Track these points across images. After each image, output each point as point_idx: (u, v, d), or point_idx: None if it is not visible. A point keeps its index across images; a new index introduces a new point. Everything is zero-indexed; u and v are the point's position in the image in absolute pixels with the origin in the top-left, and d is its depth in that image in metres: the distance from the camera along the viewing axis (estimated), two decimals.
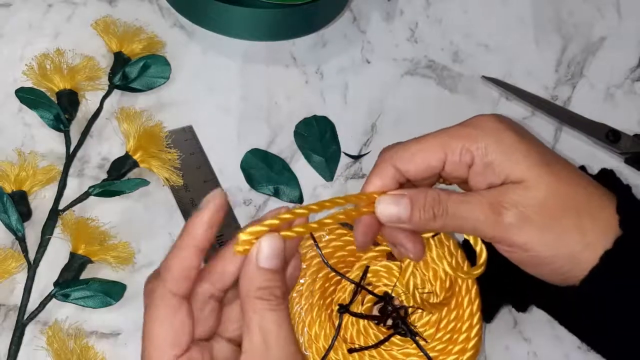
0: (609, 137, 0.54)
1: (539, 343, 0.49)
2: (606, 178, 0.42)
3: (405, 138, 0.55)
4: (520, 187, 0.37)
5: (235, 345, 0.35)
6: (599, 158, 0.56)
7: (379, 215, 0.38)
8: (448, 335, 0.46)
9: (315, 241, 0.48)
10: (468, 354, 0.46)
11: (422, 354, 0.46)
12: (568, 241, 0.38)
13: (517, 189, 0.37)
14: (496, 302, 0.48)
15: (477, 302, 0.47)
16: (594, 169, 0.49)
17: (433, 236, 0.47)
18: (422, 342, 0.46)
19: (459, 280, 0.47)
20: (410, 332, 0.46)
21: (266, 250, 0.33)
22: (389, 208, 0.38)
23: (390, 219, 0.38)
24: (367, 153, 0.55)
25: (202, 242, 0.33)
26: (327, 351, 0.46)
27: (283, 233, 0.33)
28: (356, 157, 0.55)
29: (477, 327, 0.47)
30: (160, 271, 0.34)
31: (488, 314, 0.48)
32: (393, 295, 0.47)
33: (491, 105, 0.58)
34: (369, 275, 0.48)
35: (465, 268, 0.47)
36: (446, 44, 0.60)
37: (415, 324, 0.47)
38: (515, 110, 0.58)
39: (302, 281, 0.48)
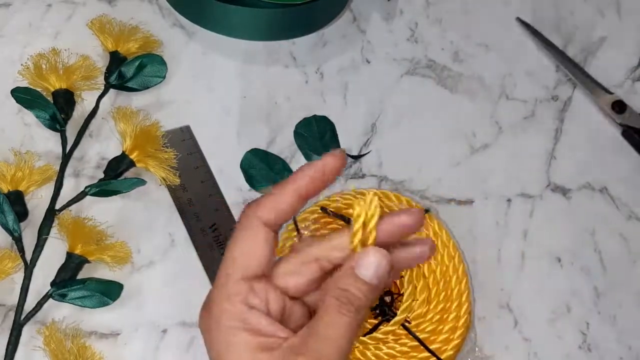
0: (615, 107, 0.55)
1: (539, 343, 0.49)
2: None
3: (405, 138, 0.56)
4: None
5: (304, 306, 0.36)
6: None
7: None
8: (438, 316, 0.47)
9: (300, 235, 0.48)
10: (458, 332, 0.47)
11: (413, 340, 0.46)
12: None
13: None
14: None
15: (464, 280, 0.48)
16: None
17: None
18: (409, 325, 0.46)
19: (446, 260, 0.48)
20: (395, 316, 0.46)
21: (371, 262, 0.33)
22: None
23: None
24: (367, 153, 0.55)
25: (304, 189, 0.34)
26: None
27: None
28: (356, 157, 0.55)
29: (466, 304, 0.47)
30: (259, 199, 0.35)
31: None
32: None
33: (491, 105, 0.58)
34: None
35: (451, 249, 0.48)
36: (446, 44, 0.60)
37: (403, 304, 0.47)
38: (516, 109, 0.57)
39: None
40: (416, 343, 0.46)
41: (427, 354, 0.46)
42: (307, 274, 0.35)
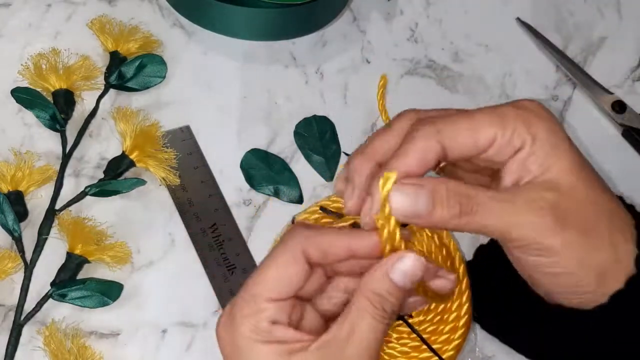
0: (615, 107, 0.55)
1: None
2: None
3: None
4: (557, 187, 0.34)
5: (323, 318, 0.35)
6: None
7: (393, 210, 0.32)
8: (439, 317, 0.47)
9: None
10: (459, 332, 0.46)
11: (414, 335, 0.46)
12: (601, 253, 0.35)
13: (554, 189, 0.34)
14: (492, 308, 0.47)
15: (465, 280, 0.47)
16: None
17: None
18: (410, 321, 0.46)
19: (447, 260, 0.48)
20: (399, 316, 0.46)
21: (406, 267, 0.32)
22: (405, 201, 0.32)
23: (405, 214, 0.32)
24: None
25: (359, 251, 0.33)
26: None
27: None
28: None
29: (467, 304, 0.47)
30: (311, 230, 0.34)
31: (481, 318, 0.47)
32: None
33: (491, 105, 0.57)
34: None
35: (451, 249, 0.48)
36: (446, 44, 0.60)
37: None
38: None
39: None
40: (417, 343, 0.46)
41: (427, 354, 0.46)
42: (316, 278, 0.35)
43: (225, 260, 0.50)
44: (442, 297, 0.35)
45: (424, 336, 0.46)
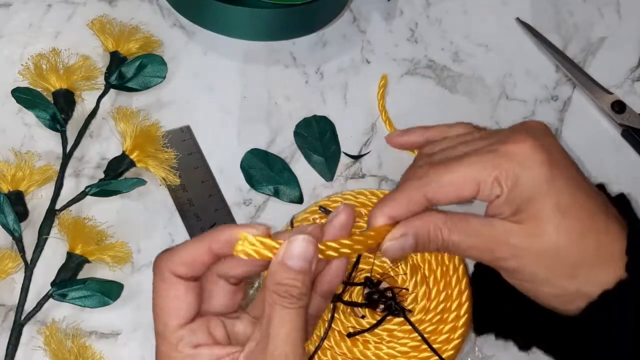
0: (614, 107, 0.55)
1: None
2: (620, 203, 0.41)
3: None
4: (531, 231, 0.37)
5: (248, 320, 0.37)
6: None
7: (385, 256, 0.38)
8: (438, 317, 0.47)
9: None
10: (459, 332, 0.47)
11: (414, 335, 0.47)
12: (569, 286, 0.38)
13: (526, 233, 0.37)
14: (491, 320, 0.47)
15: (465, 280, 0.48)
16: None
17: None
18: (412, 318, 0.47)
19: (446, 260, 0.48)
20: (402, 310, 0.47)
21: (296, 250, 0.34)
22: (395, 251, 0.38)
23: (395, 258, 0.40)
24: (367, 153, 0.55)
25: (219, 249, 0.35)
26: (321, 342, 0.46)
27: (321, 245, 0.34)
28: (356, 157, 0.55)
29: (467, 304, 0.47)
30: (170, 251, 0.36)
31: (480, 327, 0.47)
32: (378, 279, 0.48)
33: (491, 105, 0.58)
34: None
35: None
36: (446, 44, 0.60)
37: (406, 306, 0.47)
38: (516, 109, 0.57)
39: None
40: (417, 343, 0.46)
41: (427, 354, 0.46)
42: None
43: None
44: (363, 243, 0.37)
45: (425, 335, 0.46)
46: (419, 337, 0.46)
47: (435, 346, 0.46)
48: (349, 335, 0.46)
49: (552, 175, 0.37)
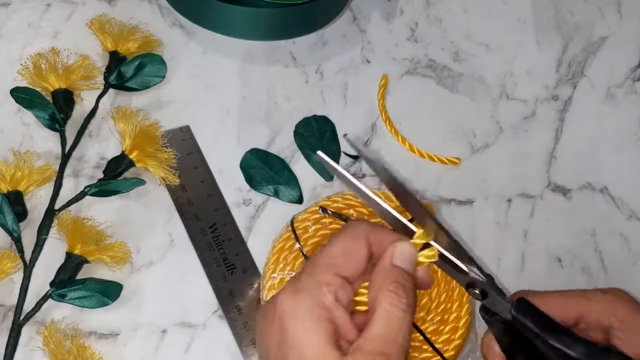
0: None
1: None
2: None
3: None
4: None
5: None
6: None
7: None
8: (439, 317, 0.47)
9: (297, 239, 0.48)
10: (459, 333, 0.47)
11: (415, 335, 0.46)
12: None
13: None
14: None
15: None
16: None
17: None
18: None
19: None
20: None
21: (402, 253, 0.36)
22: None
23: None
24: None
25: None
26: None
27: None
28: (356, 157, 0.55)
29: (467, 305, 0.47)
30: (374, 225, 0.37)
31: None
32: None
33: (491, 105, 0.57)
34: None
35: None
36: (446, 43, 0.60)
37: None
38: (516, 109, 0.57)
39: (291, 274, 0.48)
40: (417, 343, 0.46)
41: (428, 354, 0.46)
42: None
43: (225, 260, 0.50)
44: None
45: (426, 336, 0.46)
46: (421, 338, 0.46)
47: (436, 346, 0.46)
48: None
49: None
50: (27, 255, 0.49)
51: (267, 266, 0.49)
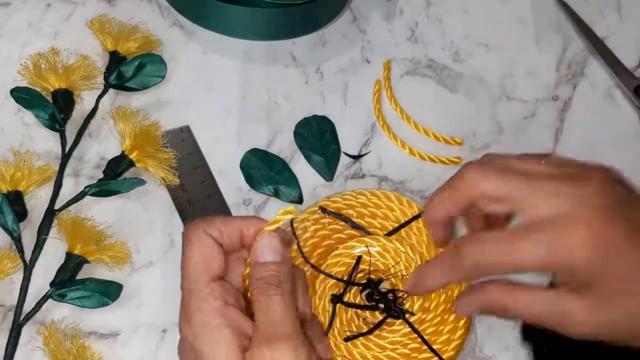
0: (638, 91, 0.55)
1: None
2: None
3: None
4: (598, 305, 0.37)
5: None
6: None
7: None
8: (438, 318, 0.47)
9: (297, 239, 0.48)
10: (459, 333, 0.46)
11: (414, 336, 0.46)
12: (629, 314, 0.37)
13: (594, 306, 0.37)
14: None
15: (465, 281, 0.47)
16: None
17: (415, 218, 0.49)
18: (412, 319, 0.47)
19: None
20: (402, 313, 0.46)
21: (262, 245, 0.38)
22: (462, 314, 0.44)
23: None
24: (367, 153, 0.55)
25: (248, 237, 0.39)
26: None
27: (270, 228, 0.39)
28: (356, 157, 0.55)
29: None
30: (206, 219, 0.39)
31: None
32: (379, 278, 0.48)
33: (491, 105, 0.57)
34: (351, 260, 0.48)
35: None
36: (446, 43, 0.60)
37: (407, 308, 0.47)
38: (516, 109, 0.57)
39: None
40: (416, 345, 0.46)
41: (427, 354, 0.46)
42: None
43: None
44: None
45: (424, 336, 0.46)
46: (420, 339, 0.46)
47: (435, 347, 0.46)
48: (346, 339, 0.46)
49: (623, 251, 0.36)
50: (27, 255, 0.49)
51: None
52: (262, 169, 0.54)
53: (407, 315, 0.47)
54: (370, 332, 0.46)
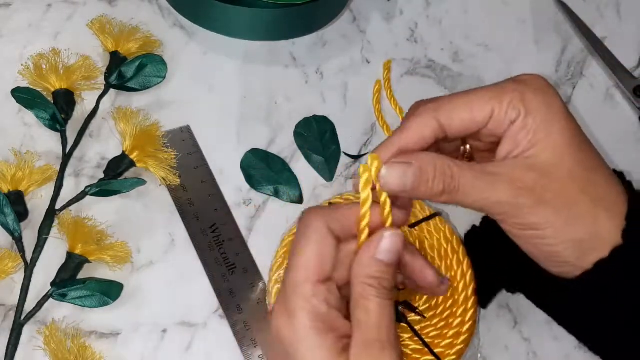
0: (637, 92, 0.56)
1: (538, 343, 0.49)
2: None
3: None
4: (539, 166, 0.36)
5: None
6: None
7: (382, 183, 0.35)
8: (443, 322, 0.47)
9: None
10: (462, 338, 0.46)
11: (416, 338, 0.46)
12: (579, 228, 0.36)
13: (535, 169, 0.36)
14: (492, 285, 0.47)
15: (471, 286, 0.47)
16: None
17: (428, 218, 0.49)
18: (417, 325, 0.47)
19: (455, 266, 0.48)
20: (403, 316, 0.46)
21: (387, 244, 0.35)
22: (394, 178, 0.35)
23: (392, 188, 0.35)
24: (367, 153, 0.55)
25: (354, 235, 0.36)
26: None
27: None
28: (356, 157, 0.55)
29: (472, 311, 0.47)
30: (326, 209, 0.36)
31: (484, 298, 0.48)
32: None
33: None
34: None
35: (460, 255, 0.48)
36: (446, 44, 0.60)
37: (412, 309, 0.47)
38: None
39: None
40: (418, 346, 0.46)
41: (428, 357, 0.46)
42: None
43: (225, 260, 0.50)
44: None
45: (427, 341, 0.46)
46: (421, 341, 0.46)
47: (438, 350, 0.46)
48: None
49: (565, 108, 0.37)
50: (28, 255, 0.49)
51: (275, 259, 0.49)
52: (263, 169, 0.54)
53: (413, 316, 0.46)
54: None
